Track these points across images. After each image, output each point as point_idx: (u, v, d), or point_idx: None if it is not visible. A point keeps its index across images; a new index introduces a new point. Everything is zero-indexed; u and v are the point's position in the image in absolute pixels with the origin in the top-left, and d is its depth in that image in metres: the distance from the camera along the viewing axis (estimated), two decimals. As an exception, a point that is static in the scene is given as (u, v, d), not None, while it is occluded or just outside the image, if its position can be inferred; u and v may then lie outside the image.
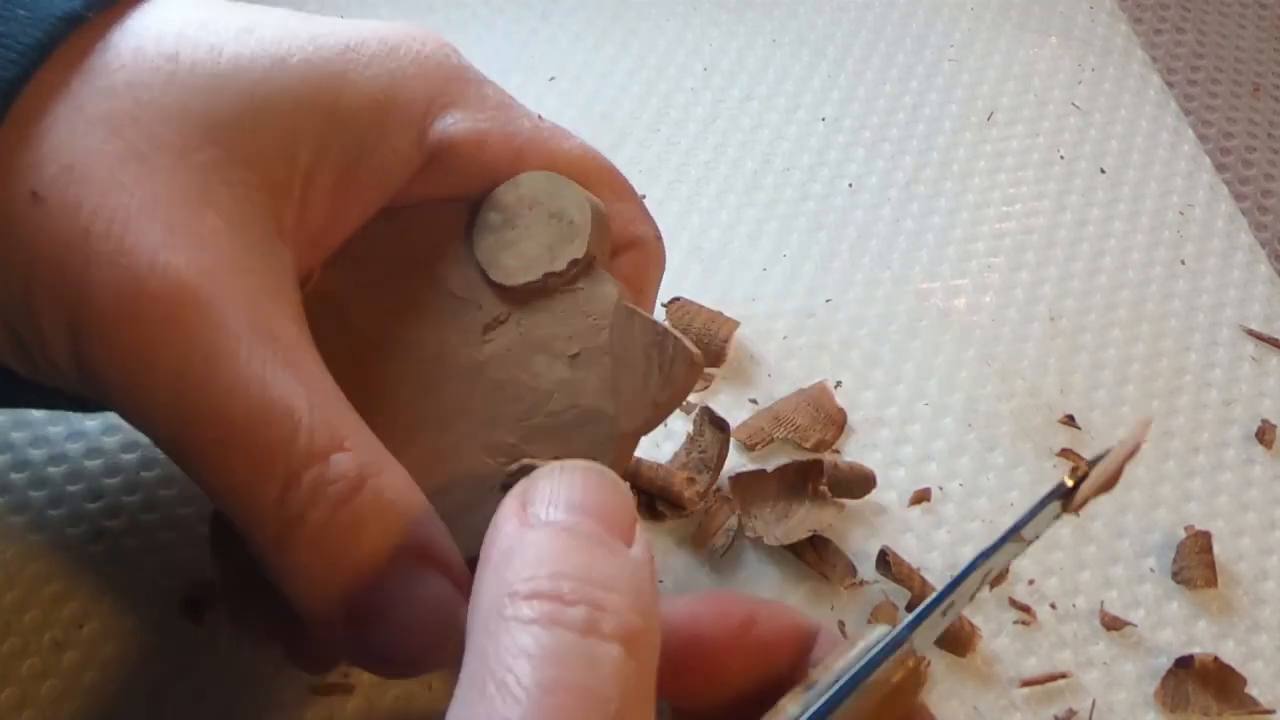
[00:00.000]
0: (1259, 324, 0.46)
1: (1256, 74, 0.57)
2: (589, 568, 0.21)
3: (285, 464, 0.24)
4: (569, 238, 0.28)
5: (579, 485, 0.22)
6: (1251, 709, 0.36)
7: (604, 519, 0.22)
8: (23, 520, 0.35)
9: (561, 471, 0.23)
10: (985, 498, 0.40)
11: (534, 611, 0.20)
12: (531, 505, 0.22)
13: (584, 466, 0.23)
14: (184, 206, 0.24)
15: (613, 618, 0.20)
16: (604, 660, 0.20)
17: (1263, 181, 0.52)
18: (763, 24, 0.55)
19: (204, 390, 0.23)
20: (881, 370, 0.43)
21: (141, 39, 0.26)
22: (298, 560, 0.24)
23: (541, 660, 0.19)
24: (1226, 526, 0.40)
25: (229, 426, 0.23)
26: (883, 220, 0.48)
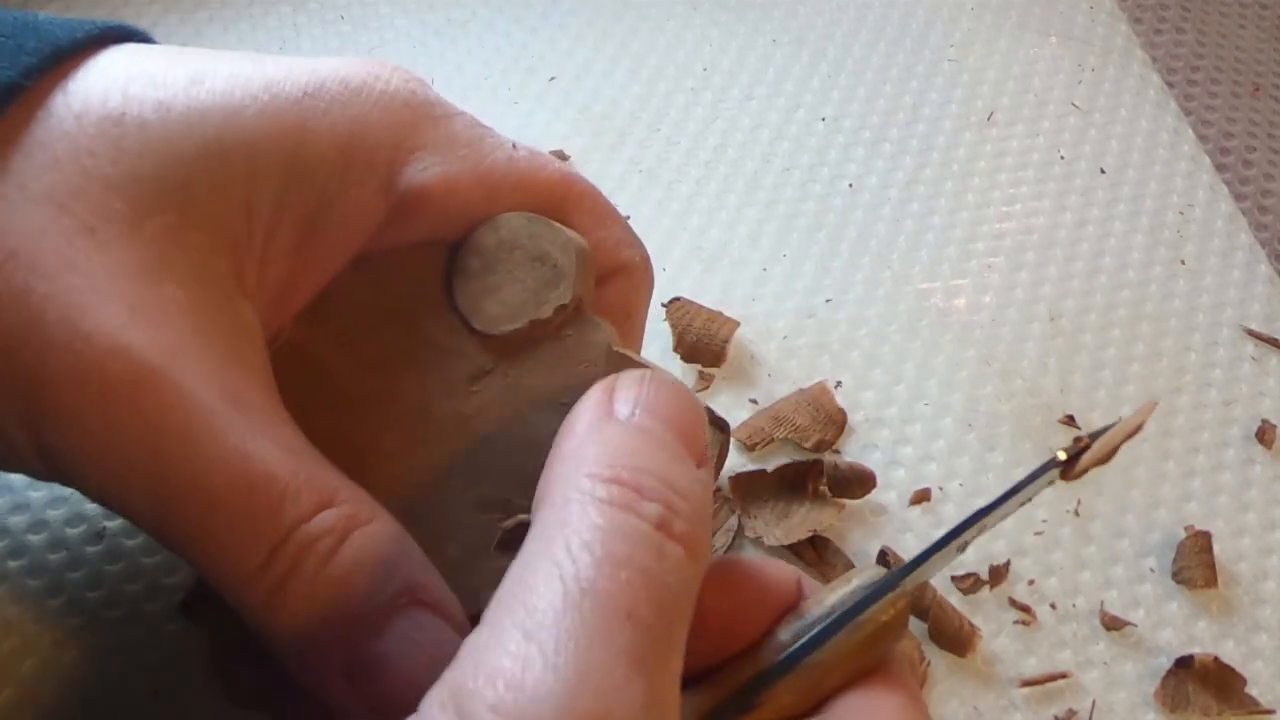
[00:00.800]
0: (1259, 324, 0.46)
1: (1256, 74, 0.57)
2: (668, 471, 0.21)
3: (272, 530, 0.23)
4: (553, 282, 0.27)
5: (665, 395, 0.23)
6: (1251, 709, 0.36)
7: (682, 433, 0.23)
8: (22, 520, 0.35)
9: (650, 378, 0.23)
10: (985, 498, 0.40)
11: (612, 495, 0.21)
12: (616, 400, 0.23)
13: (671, 380, 0.24)
14: (140, 281, 0.23)
15: (683, 522, 0.21)
16: (670, 555, 0.20)
17: (1263, 181, 0.52)
18: (763, 24, 0.55)
19: (182, 469, 0.23)
20: (881, 370, 0.43)
21: (86, 102, 0.24)
22: (290, 620, 0.23)
23: (616, 537, 0.20)
24: (1226, 526, 0.40)
25: (211, 502, 0.23)
26: (883, 220, 0.48)
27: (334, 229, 0.27)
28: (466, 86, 0.50)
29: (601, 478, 0.21)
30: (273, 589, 0.23)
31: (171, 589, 0.35)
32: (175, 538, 0.24)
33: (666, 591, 0.20)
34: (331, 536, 0.23)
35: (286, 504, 0.23)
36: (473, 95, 0.50)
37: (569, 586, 0.19)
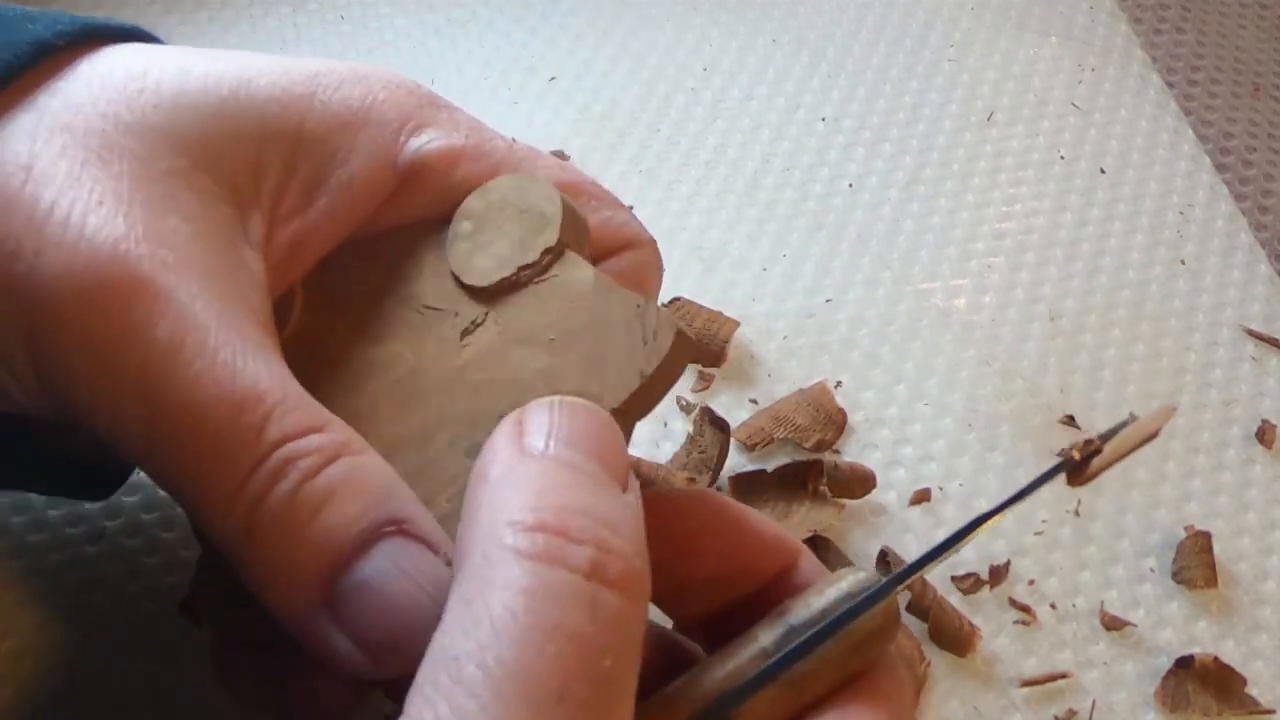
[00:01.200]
0: (1259, 324, 0.46)
1: (1256, 74, 0.57)
2: (595, 505, 0.20)
3: (255, 446, 0.23)
4: (540, 228, 0.27)
5: (580, 420, 0.22)
6: (1251, 709, 0.36)
7: (603, 459, 0.21)
8: (23, 520, 0.35)
9: (560, 405, 0.22)
10: (985, 498, 0.40)
11: (536, 546, 0.19)
12: (528, 435, 0.21)
13: (582, 403, 0.23)
14: (145, 208, 0.24)
15: (618, 561, 0.20)
16: (606, 608, 0.19)
17: (1263, 181, 0.52)
18: (763, 24, 0.55)
19: (170, 381, 0.23)
20: (881, 370, 0.43)
21: (111, 64, 0.26)
22: (268, 543, 0.23)
23: (542, 600, 0.19)
24: (1226, 526, 0.40)
25: (197, 416, 0.23)
26: (883, 220, 0.48)
27: (341, 197, 0.27)
28: (466, 86, 0.50)
29: (523, 526, 0.20)
30: (250, 507, 0.23)
31: (172, 589, 0.35)
32: (161, 460, 0.23)
33: (603, 657, 0.19)
34: (318, 456, 0.23)
35: (272, 422, 0.23)
36: (473, 95, 0.50)
37: (493, 671, 0.18)
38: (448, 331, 0.27)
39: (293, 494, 0.23)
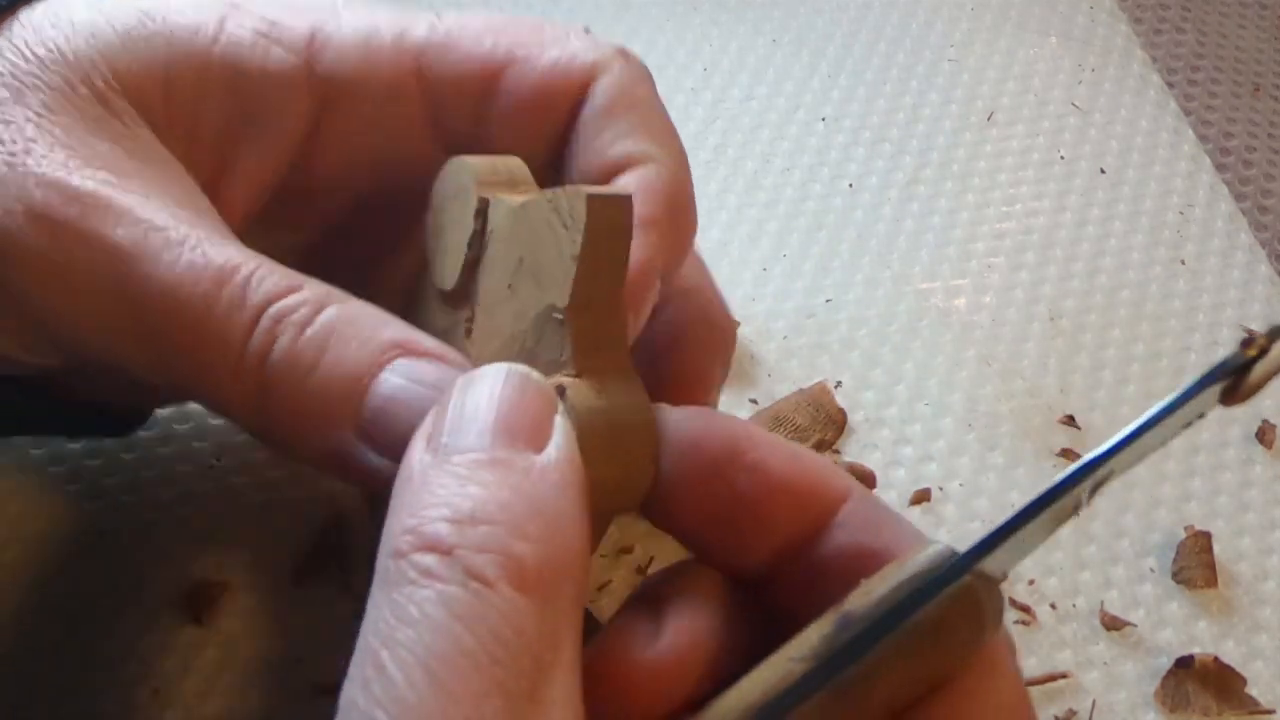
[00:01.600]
0: (1259, 324, 0.46)
1: (1256, 74, 0.57)
2: (474, 499, 0.19)
3: (243, 313, 0.23)
4: (467, 201, 0.26)
5: (481, 396, 0.21)
6: (1251, 709, 0.36)
7: (504, 427, 0.20)
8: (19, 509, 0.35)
9: (463, 386, 0.21)
10: (985, 498, 0.40)
11: (413, 570, 0.19)
12: (434, 437, 0.21)
13: (488, 373, 0.22)
14: (75, 135, 0.25)
15: (495, 557, 0.18)
16: (490, 612, 0.18)
17: (1263, 181, 0.52)
18: (763, 24, 0.55)
19: (144, 284, 0.23)
20: (881, 370, 0.43)
21: (33, 12, 0.26)
22: (285, 402, 0.23)
23: (420, 630, 0.18)
24: (1226, 526, 0.40)
25: (180, 306, 0.23)
26: (883, 220, 0.48)
27: (257, 120, 0.27)
28: (466, 86, 0.50)
29: (403, 551, 0.19)
30: (257, 371, 0.23)
31: (171, 589, 0.35)
32: (164, 363, 0.24)
33: (496, 665, 0.18)
34: (306, 308, 0.23)
35: (251, 288, 0.23)
36: (473, 95, 0.50)
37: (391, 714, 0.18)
38: (462, 341, 0.27)
39: (293, 346, 0.23)
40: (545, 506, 0.20)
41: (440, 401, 0.22)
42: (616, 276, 0.23)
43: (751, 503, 0.22)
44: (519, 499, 0.19)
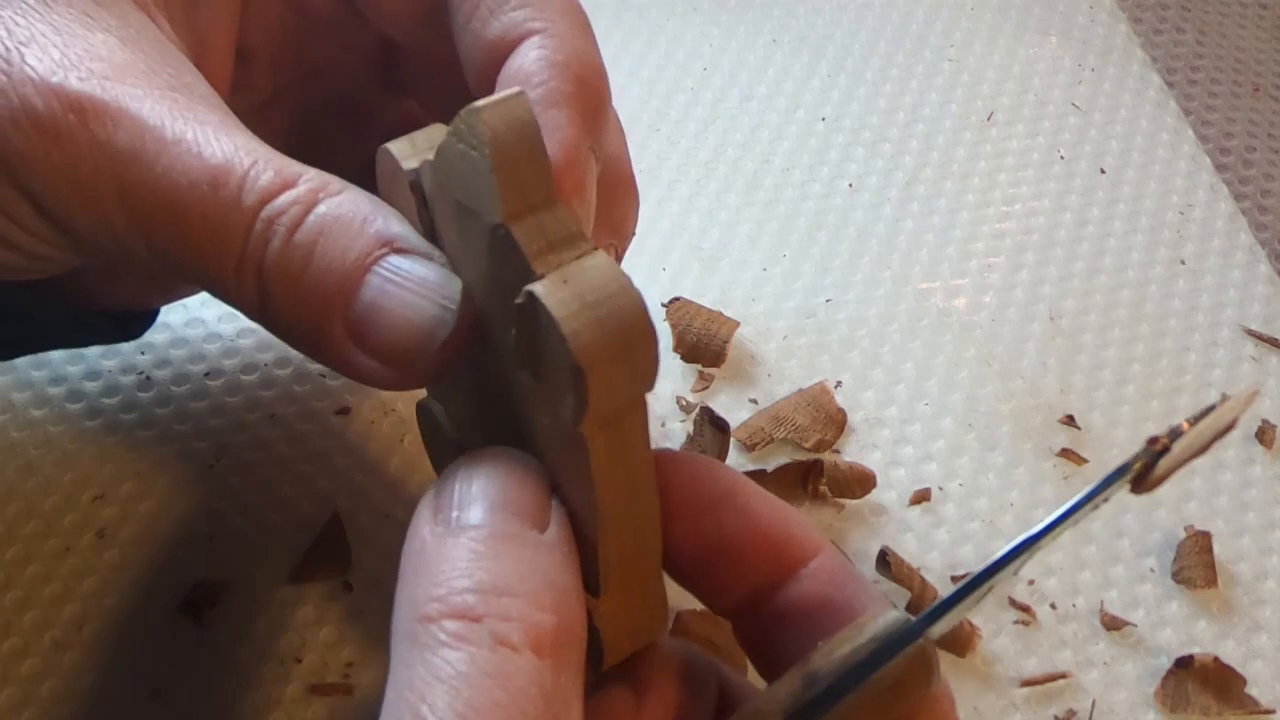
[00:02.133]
0: (1259, 324, 0.46)
1: (1256, 74, 0.57)
2: (495, 573, 0.21)
3: (240, 215, 0.24)
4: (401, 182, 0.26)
5: (485, 477, 0.23)
6: (1251, 709, 0.36)
7: (512, 508, 0.22)
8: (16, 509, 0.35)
9: (466, 466, 0.23)
10: (985, 498, 0.40)
11: (444, 634, 0.20)
12: (441, 511, 0.22)
13: (490, 455, 0.23)
14: (70, 33, 0.25)
15: (520, 625, 0.20)
16: (517, 673, 0.20)
17: (1263, 181, 0.52)
18: (763, 24, 0.55)
19: (146, 184, 0.24)
20: (881, 370, 0.43)
21: None
22: (281, 301, 0.24)
23: (456, 686, 0.20)
24: (1226, 526, 0.40)
25: (180, 206, 0.24)
26: (883, 220, 0.48)
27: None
28: (466, 86, 0.50)
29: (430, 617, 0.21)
30: (254, 272, 0.24)
31: (171, 589, 0.35)
32: (173, 262, 0.24)
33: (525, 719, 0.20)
34: (297, 206, 0.24)
35: (246, 190, 0.24)
36: (473, 95, 0.50)
37: None
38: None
39: (284, 249, 0.24)
40: (556, 581, 0.22)
41: (442, 478, 0.23)
42: (542, 174, 0.23)
43: (736, 543, 0.25)
44: (535, 573, 0.21)
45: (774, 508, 0.26)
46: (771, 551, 0.25)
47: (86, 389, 0.39)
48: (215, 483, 0.37)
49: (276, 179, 0.24)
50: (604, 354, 0.21)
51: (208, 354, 0.40)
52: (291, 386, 0.40)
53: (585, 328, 0.21)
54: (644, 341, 0.22)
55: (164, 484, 0.37)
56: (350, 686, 0.34)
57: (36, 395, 0.38)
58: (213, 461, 0.38)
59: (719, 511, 0.25)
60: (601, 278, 0.22)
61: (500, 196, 0.22)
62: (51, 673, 0.33)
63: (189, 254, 0.24)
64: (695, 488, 0.25)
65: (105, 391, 0.39)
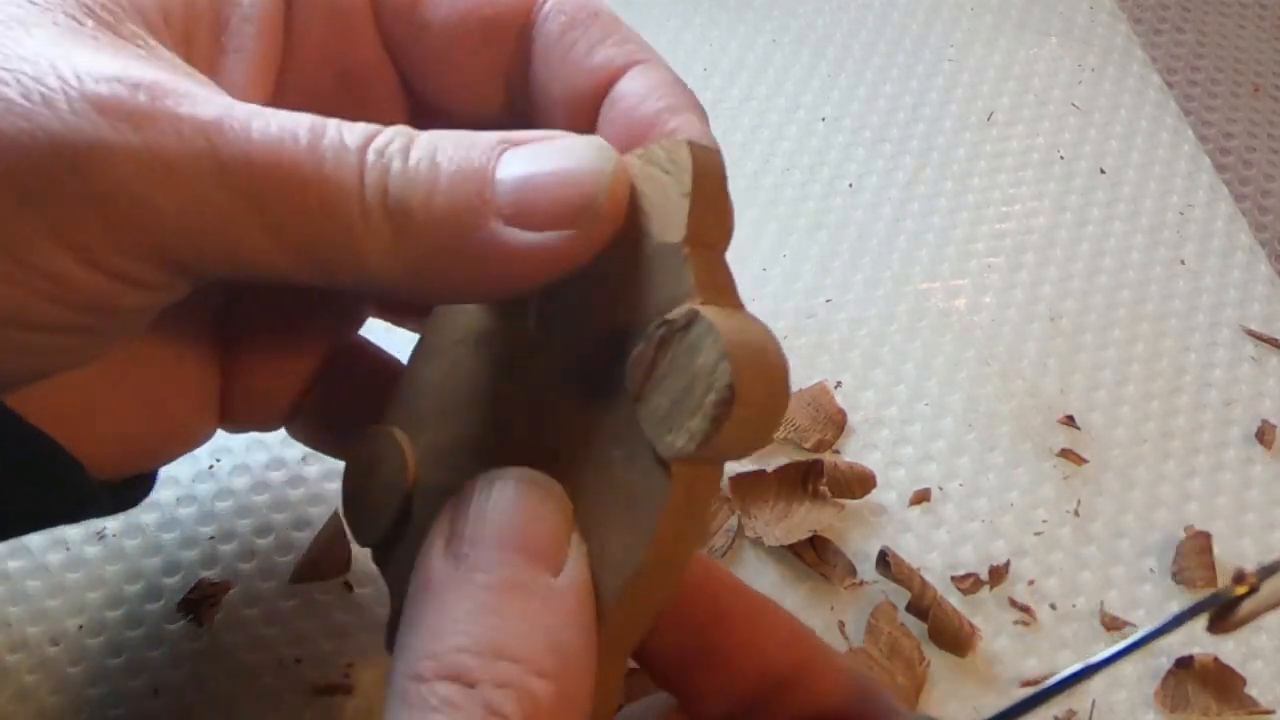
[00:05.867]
0: (1259, 324, 0.46)
1: (1256, 74, 0.57)
2: (496, 630, 0.20)
3: (351, 158, 0.22)
4: None
5: (502, 507, 0.22)
6: (1251, 709, 0.36)
7: (526, 548, 0.21)
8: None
9: (485, 489, 0.22)
10: (985, 498, 0.40)
11: (435, 698, 0.19)
12: (454, 541, 0.21)
13: (510, 478, 0.22)
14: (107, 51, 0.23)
15: (515, 694, 0.20)
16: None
17: (1263, 181, 0.52)
18: (763, 24, 0.55)
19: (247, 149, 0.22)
20: (881, 370, 0.43)
21: None
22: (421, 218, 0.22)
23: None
24: (1226, 527, 0.40)
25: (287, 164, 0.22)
26: (883, 220, 0.48)
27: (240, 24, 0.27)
28: (466, 86, 0.50)
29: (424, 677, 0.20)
30: (380, 205, 0.22)
31: (171, 589, 0.35)
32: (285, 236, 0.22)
33: None
34: (400, 138, 0.23)
35: (345, 133, 0.22)
36: (473, 95, 0.50)
37: None
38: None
39: (406, 169, 0.22)
40: (560, 640, 0.20)
41: (461, 497, 0.22)
42: (724, 219, 0.24)
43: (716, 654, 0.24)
44: (536, 632, 0.20)
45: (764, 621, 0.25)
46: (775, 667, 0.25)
47: (86, 389, 0.39)
48: (215, 483, 0.37)
49: (368, 126, 0.23)
50: (751, 389, 0.21)
51: (208, 354, 0.40)
52: (291, 386, 0.40)
53: (745, 358, 0.21)
54: (779, 397, 0.22)
55: (164, 484, 0.37)
56: (350, 686, 0.34)
57: (36, 395, 0.38)
58: (213, 462, 0.38)
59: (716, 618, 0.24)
60: (757, 328, 0.22)
61: (688, 221, 0.23)
62: (51, 673, 0.33)
63: (307, 215, 0.22)
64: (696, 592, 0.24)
65: (105, 391, 0.39)
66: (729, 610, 0.25)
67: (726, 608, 0.25)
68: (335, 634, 0.35)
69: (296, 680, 0.34)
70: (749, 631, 0.25)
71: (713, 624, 0.25)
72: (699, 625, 0.25)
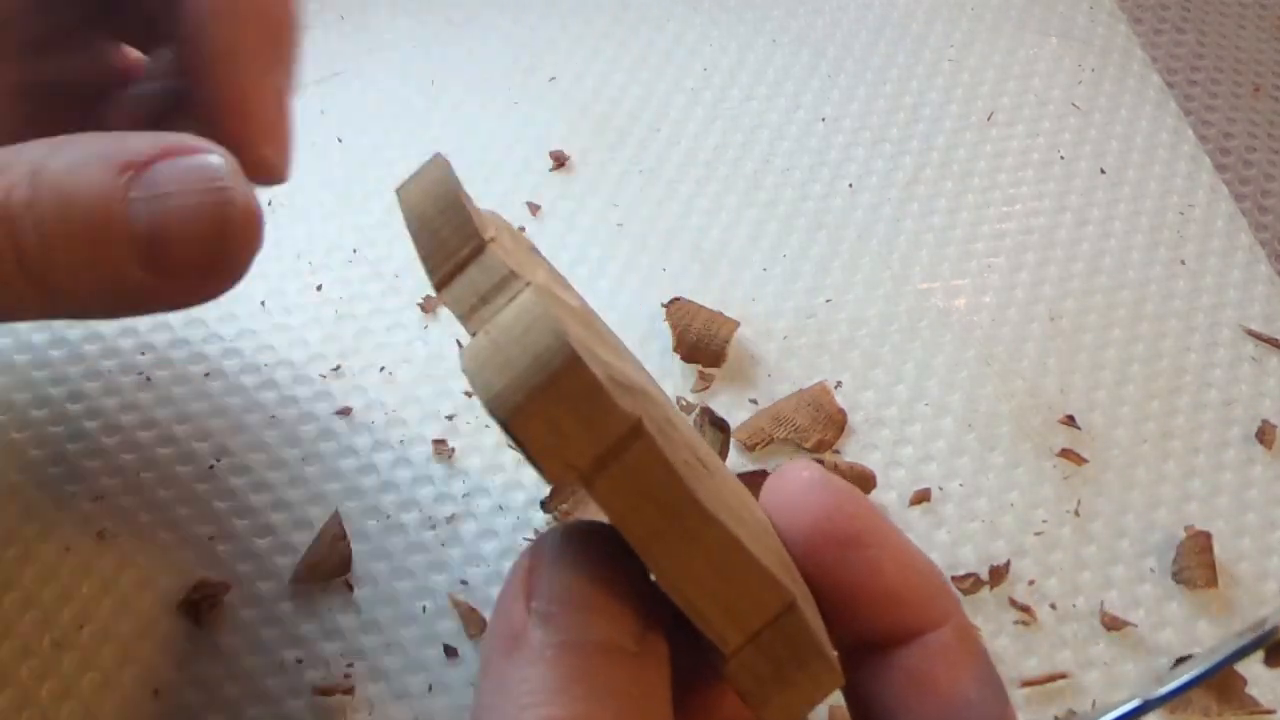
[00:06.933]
0: (1259, 324, 0.46)
1: (1256, 74, 0.57)
2: (567, 710, 0.19)
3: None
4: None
5: (580, 567, 0.21)
6: (1251, 709, 0.36)
7: (602, 614, 0.20)
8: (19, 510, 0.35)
9: (563, 546, 0.21)
10: (985, 498, 0.40)
11: None
12: (534, 595, 0.20)
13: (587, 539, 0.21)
14: None
15: None
16: None
17: (1263, 181, 0.52)
18: (763, 24, 0.55)
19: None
20: (881, 370, 0.43)
21: None
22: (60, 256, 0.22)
23: None
24: (1227, 527, 0.40)
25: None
26: (883, 220, 0.48)
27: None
28: (466, 86, 0.50)
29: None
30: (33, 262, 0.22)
31: (172, 589, 0.35)
32: None
33: None
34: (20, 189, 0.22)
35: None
36: (473, 95, 0.50)
37: None
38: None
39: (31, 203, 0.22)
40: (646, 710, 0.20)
41: (539, 548, 0.21)
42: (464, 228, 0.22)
43: (850, 593, 0.23)
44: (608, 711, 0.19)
45: (904, 562, 0.23)
46: (888, 611, 0.23)
47: (86, 389, 0.39)
48: (215, 483, 0.37)
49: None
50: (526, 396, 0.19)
51: (208, 355, 0.40)
52: (292, 388, 0.40)
53: (496, 374, 0.19)
54: (570, 372, 0.19)
55: (163, 483, 0.37)
56: (350, 686, 0.34)
57: (36, 396, 0.38)
58: (213, 461, 0.38)
59: (842, 554, 0.23)
60: (513, 316, 0.20)
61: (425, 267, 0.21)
62: (51, 674, 0.33)
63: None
64: (825, 521, 0.23)
65: (105, 392, 0.39)
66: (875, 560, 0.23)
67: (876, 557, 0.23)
68: (336, 635, 0.35)
69: (297, 681, 0.34)
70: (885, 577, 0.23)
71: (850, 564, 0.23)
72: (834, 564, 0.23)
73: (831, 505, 0.23)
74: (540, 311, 0.20)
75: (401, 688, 0.34)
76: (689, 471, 0.20)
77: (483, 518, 0.38)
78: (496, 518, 0.38)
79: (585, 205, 0.47)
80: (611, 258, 0.45)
